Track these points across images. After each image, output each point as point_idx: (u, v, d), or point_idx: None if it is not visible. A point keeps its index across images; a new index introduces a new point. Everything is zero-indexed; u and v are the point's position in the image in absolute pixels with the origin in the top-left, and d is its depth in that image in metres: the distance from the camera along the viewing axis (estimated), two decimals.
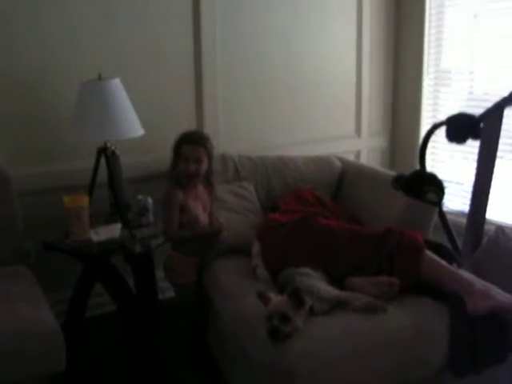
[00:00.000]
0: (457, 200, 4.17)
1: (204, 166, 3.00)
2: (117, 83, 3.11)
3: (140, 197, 3.28)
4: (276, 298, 2.26)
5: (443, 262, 2.52)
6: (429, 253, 2.55)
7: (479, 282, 2.45)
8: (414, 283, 2.49)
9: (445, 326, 2.31)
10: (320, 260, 2.65)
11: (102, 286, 3.22)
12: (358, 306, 2.34)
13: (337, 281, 2.61)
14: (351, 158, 4.37)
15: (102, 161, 3.21)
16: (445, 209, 3.46)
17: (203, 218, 3.06)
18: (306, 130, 4.26)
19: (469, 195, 3.31)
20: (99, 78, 3.08)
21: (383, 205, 3.32)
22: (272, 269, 2.74)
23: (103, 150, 3.19)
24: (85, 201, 3.04)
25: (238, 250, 3.10)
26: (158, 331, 3.24)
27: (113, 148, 3.20)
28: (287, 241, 2.75)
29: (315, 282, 2.42)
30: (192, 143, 2.96)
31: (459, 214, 4.07)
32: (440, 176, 3.17)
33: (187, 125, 3.55)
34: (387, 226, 2.81)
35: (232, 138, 3.97)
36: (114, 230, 3.12)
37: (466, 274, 2.60)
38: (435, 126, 3.44)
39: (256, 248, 2.88)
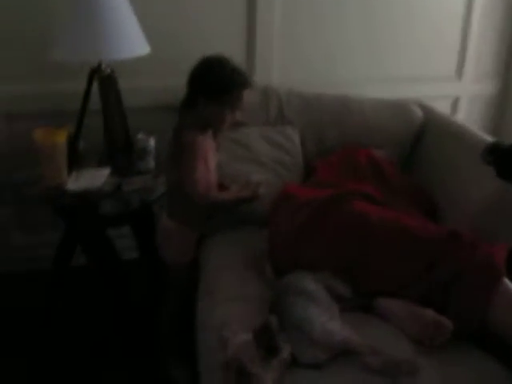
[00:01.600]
0: None
1: None
2: None
3: (140, 135, 2.54)
4: (239, 338, 1.46)
5: None
6: (509, 284, 1.64)
7: None
8: (475, 329, 1.61)
9: None
10: (343, 264, 1.82)
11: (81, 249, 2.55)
12: (372, 364, 1.49)
13: (364, 298, 1.79)
14: (446, 106, 3.37)
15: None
16: None
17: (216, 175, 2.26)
18: (386, 66, 3.25)
19: None
20: None
21: (467, 184, 2.37)
22: (279, 266, 1.94)
23: (96, 72, 2.45)
24: (60, 136, 2.35)
25: (256, 221, 2.30)
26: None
27: (108, 70, 2.45)
28: (302, 230, 1.92)
29: (314, 310, 1.58)
30: (251, 87, 2.14)
31: None
32: None
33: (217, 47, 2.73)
34: (455, 224, 1.93)
35: (288, 69, 3.08)
36: (99, 177, 2.42)
37: None
38: None
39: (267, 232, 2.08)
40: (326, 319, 1.56)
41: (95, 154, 2.61)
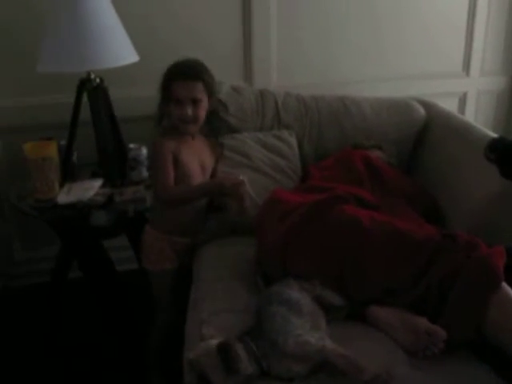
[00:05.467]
0: None
1: (203, 107, 2.15)
2: None
3: (131, 145, 2.49)
4: (206, 343, 1.41)
5: None
6: (507, 289, 1.54)
7: None
8: (471, 338, 1.52)
9: None
10: (334, 271, 1.74)
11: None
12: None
13: (357, 306, 1.71)
14: (454, 103, 3.27)
15: None
16: None
17: (199, 177, 2.21)
18: (391, 64, 3.17)
19: None
20: None
21: (469, 182, 2.27)
22: (269, 274, 1.87)
23: (86, 83, 2.41)
24: (50, 149, 2.33)
25: (250, 230, 2.22)
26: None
27: (97, 80, 2.41)
28: (290, 236, 1.84)
29: (295, 321, 1.50)
30: (184, 78, 2.11)
31: None
32: None
33: (213, 53, 2.67)
34: (457, 224, 1.86)
35: (288, 71, 3.03)
36: (90, 188, 2.38)
37: None
38: None
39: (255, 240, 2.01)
40: (303, 331, 1.48)
41: (89, 165, 2.58)
